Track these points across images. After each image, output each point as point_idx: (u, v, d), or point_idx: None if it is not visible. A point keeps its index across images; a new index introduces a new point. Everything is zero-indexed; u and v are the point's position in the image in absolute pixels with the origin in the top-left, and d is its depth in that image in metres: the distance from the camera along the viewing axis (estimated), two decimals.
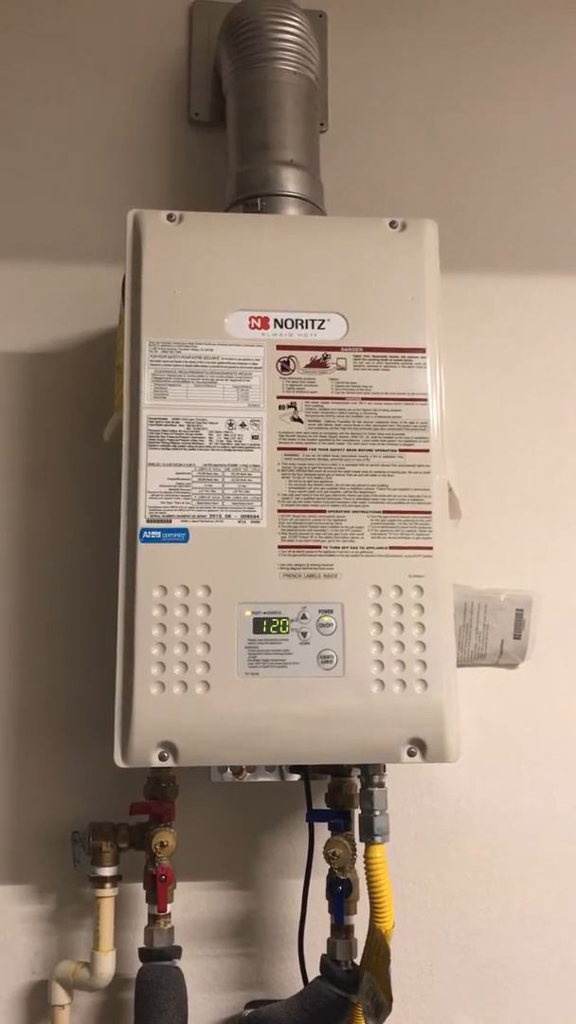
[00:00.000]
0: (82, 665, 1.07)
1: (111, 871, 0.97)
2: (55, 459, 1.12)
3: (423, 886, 1.07)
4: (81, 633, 1.07)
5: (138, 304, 0.92)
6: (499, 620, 1.10)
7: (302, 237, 0.96)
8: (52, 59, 1.22)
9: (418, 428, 0.92)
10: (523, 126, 1.27)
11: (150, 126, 1.22)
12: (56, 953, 1.02)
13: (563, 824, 1.09)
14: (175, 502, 0.89)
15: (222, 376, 0.91)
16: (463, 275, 1.18)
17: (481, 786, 1.09)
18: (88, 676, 1.06)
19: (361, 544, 0.89)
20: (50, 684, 1.07)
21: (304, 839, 1.02)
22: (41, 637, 1.08)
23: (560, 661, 1.12)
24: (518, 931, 1.07)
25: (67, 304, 1.15)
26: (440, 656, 0.88)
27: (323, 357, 0.92)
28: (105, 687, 0.96)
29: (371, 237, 0.96)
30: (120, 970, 0.98)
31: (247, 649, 0.86)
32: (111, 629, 0.89)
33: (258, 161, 1.05)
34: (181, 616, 0.86)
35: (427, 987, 1.06)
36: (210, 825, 1.05)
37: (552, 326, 1.21)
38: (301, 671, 0.86)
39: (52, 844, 1.03)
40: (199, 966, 1.02)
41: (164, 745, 0.85)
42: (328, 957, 0.94)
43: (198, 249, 0.93)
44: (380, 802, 0.90)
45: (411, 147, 1.24)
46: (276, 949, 1.04)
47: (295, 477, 0.90)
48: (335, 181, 1.12)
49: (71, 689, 1.06)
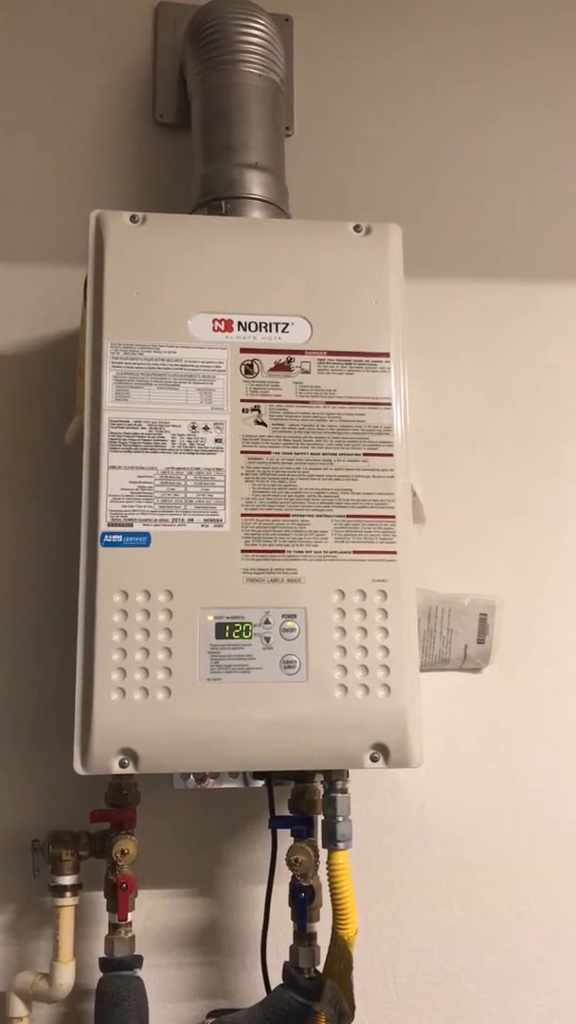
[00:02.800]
0: (41, 671, 1.05)
1: (71, 880, 0.95)
2: (16, 462, 1.11)
3: (386, 893, 1.07)
4: (41, 638, 1.06)
5: (100, 305, 0.91)
6: (463, 625, 1.10)
7: (266, 240, 0.96)
8: (15, 58, 1.20)
9: (382, 432, 0.92)
10: (490, 130, 1.28)
11: (115, 127, 1.21)
12: (14, 964, 1.00)
13: (526, 829, 1.09)
14: (137, 506, 0.88)
15: (185, 379, 0.90)
16: (427, 279, 1.18)
17: (444, 791, 1.09)
18: (48, 682, 1.05)
19: (325, 548, 0.89)
20: (8, 690, 1.05)
21: (266, 846, 1.02)
22: (2, 643, 1.06)
23: (524, 666, 1.12)
24: (481, 937, 1.07)
25: (29, 305, 1.14)
26: (403, 661, 0.88)
27: (287, 360, 0.92)
28: (65, 693, 0.95)
29: (335, 241, 0.96)
30: (80, 980, 0.96)
31: (209, 655, 0.85)
32: (71, 634, 0.87)
33: (223, 163, 1.04)
34: (142, 621, 0.85)
35: (390, 994, 1.05)
36: (172, 832, 1.04)
37: (517, 330, 1.21)
38: (264, 676, 0.86)
39: (10, 853, 1.02)
40: (161, 975, 1.01)
41: (125, 752, 0.84)
42: (291, 964, 0.93)
43: (161, 251, 0.93)
44: (343, 808, 0.89)
45: (376, 152, 1.24)
46: (239, 957, 1.03)
47: (259, 481, 0.89)
48: (300, 185, 1.12)
49: (30, 695, 1.05)
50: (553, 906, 1.08)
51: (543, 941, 1.08)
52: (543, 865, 1.09)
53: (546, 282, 1.23)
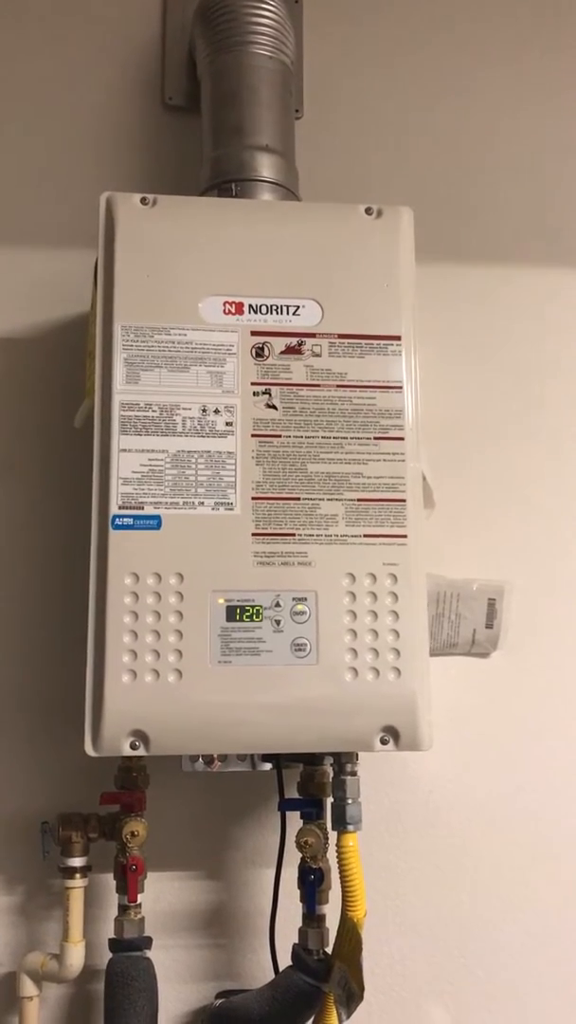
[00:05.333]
0: (51, 654, 1.05)
1: (81, 862, 0.95)
2: (25, 445, 1.11)
3: (393, 875, 1.07)
4: (51, 621, 1.06)
5: (111, 288, 0.91)
6: (471, 609, 1.10)
7: (277, 222, 0.95)
8: (24, 41, 1.20)
9: (393, 416, 0.91)
10: (500, 115, 1.27)
11: (123, 109, 1.20)
12: (24, 945, 1.01)
13: (533, 814, 1.09)
14: (148, 489, 0.88)
15: (196, 361, 0.90)
16: (437, 263, 1.18)
17: (451, 775, 1.09)
18: (57, 665, 1.05)
19: (335, 532, 0.89)
20: (19, 673, 1.06)
21: (275, 829, 1.02)
22: (9, 625, 1.06)
23: (532, 650, 1.12)
24: (488, 920, 1.07)
25: (37, 288, 1.14)
26: (413, 644, 0.88)
27: (298, 343, 0.92)
28: (74, 676, 0.95)
29: (346, 223, 0.95)
30: (89, 961, 0.97)
31: (220, 637, 0.86)
32: (81, 617, 0.87)
33: (233, 146, 1.04)
34: (153, 604, 0.85)
35: (397, 976, 1.06)
36: (181, 815, 1.04)
37: (527, 316, 1.21)
38: (274, 659, 0.86)
39: (20, 835, 1.02)
40: (169, 957, 1.01)
41: (135, 734, 0.84)
42: (299, 946, 0.94)
43: (172, 233, 0.92)
44: (353, 790, 0.90)
45: (387, 134, 1.24)
46: (247, 939, 1.03)
47: (269, 464, 0.89)
48: (310, 167, 1.11)
49: (40, 678, 1.05)
50: (559, 891, 1.08)
51: (549, 925, 1.08)
52: (550, 850, 1.09)
53: (556, 267, 1.23)
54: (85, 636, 0.87)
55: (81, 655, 0.87)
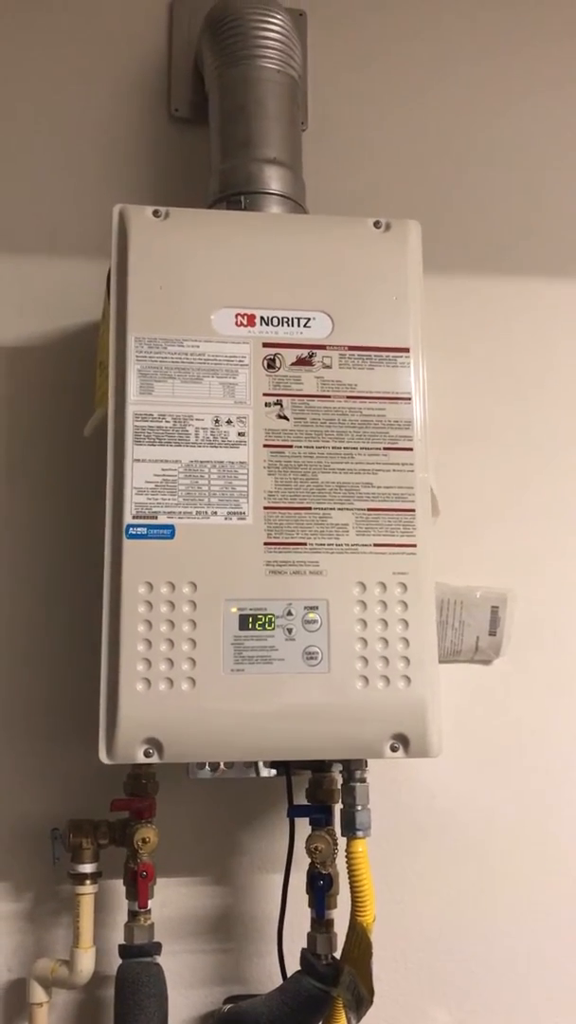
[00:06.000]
0: (63, 662, 1.06)
1: (91, 868, 0.96)
2: (35, 453, 1.11)
3: (398, 881, 1.08)
4: (62, 630, 1.07)
5: (124, 299, 0.92)
6: (475, 617, 1.11)
7: (288, 235, 0.96)
8: (31, 50, 1.21)
9: (402, 427, 0.93)
10: (506, 126, 1.29)
11: (130, 121, 1.21)
12: (33, 951, 1.01)
13: (536, 819, 1.11)
14: (161, 498, 0.88)
15: (208, 373, 0.91)
16: (444, 275, 1.19)
17: (456, 781, 1.10)
18: (67, 673, 1.06)
19: (346, 541, 0.90)
20: (29, 681, 1.06)
21: (281, 836, 1.03)
22: (21, 633, 1.07)
23: (534, 657, 1.14)
24: (493, 925, 1.09)
25: (46, 297, 1.15)
26: (423, 652, 0.89)
27: (309, 355, 0.93)
28: (84, 684, 0.96)
29: (356, 237, 0.97)
30: (98, 967, 0.98)
31: (233, 646, 0.86)
32: (91, 625, 0.88)
33: (241, 159, 1.05)
34: (167, 613, 0.86)
35: (402, 980, 1.07)
36: (188, 822, 1.05)
37: (532, 326, 1.23)
38: (287, 668, 0.87)
39: (29, 842, 1.02)
40: (177, 962, 1.02)
41: (149, 742, 0.85)
42: (308, 951, 0.95)
43: (184, 245, 0.93)
44: (362, 797, 0.91)
45: (391, 146, 1.25)
46: (254, 944, 1.04)
47: (281, 474, 0.90)
48: (314, 179, 1.13)
49: (50, 686, 1.06)
50: (563, 896, 1.10)
51: (553, 930, 1.09)
52: (553, 854, 1.10)
53: (556, 278, 1.24)
54: (94, 644, 0.88)
55: (90, 663, 0.88)
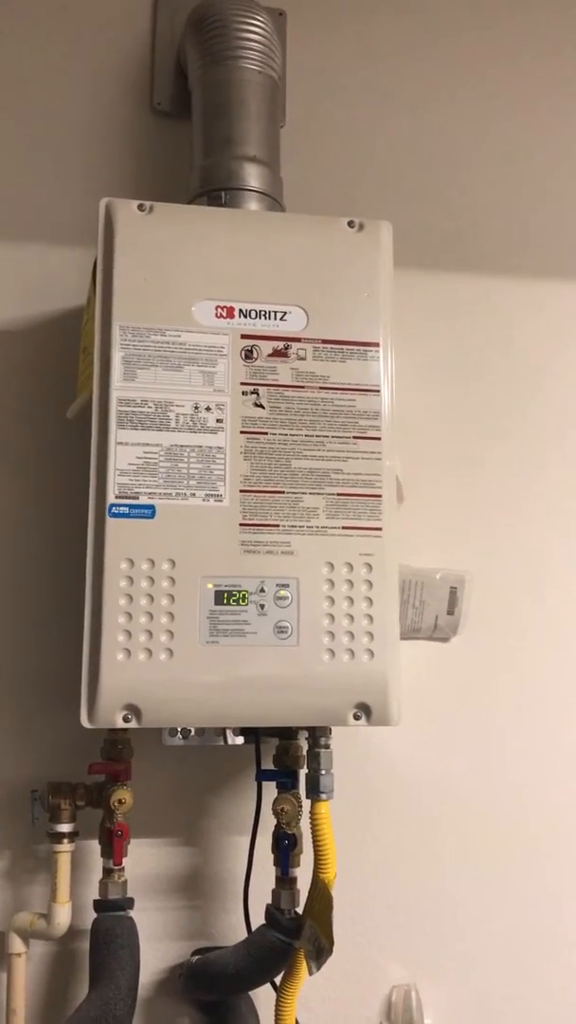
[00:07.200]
0: (41, 634, 1.11)
1: (69, 827, 1.01)
2: (17, 434, 1.15)
3: (359, 842, 1.14)
4: (44, 603, 1.11)
5: (109, 289, 0.96)
6: (434, 597, 1.17)
7: (267, 233, 1.01)
8: (14, 43, 1.24)
9: (371, 417, 0.98)
10: (480, 125, 1.34)
11: (113, 114, 1.25)
12: (11, 906, 1.06)
13: (488, 787, 1.18)
14: (143, 480, 0.93)
15: (189, 361, 0.96)
16: (413, 271, 1.25)
17: (414, 750, 1.17)
18: (47, 645, 1.10)
19: (316, 524, 0.96)
20: (11, 652, 1.11)
21: (247, 801, 1.09)
22: (4, 605, 1.12)
23: (489, 636, 1.21)
24: (445, 884, 1.16)
25: (30, 284, 1.18)
26: (385, 629, 0.95)
27: (284, 347, 0.98)
28: (64, 654, 1.01)
29: (331, 236, 1.02)
30: (74, 922, 1.03)
31: (208, 619, 0.92)
32: (71, 598, 0.93)
33: (222, 156, 1.09)
34: (147, 588, 0.91)
35: (360, 938, 1.13)
36: (161, 786, 1.10)
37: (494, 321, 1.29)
38: (259, 640, 0.92)
39: (7, 805, 1.07)
40: (148, 918, 1.08)
41: (128, 708, 0.90)
42: (273, 906, 1.01)
43: (168, 239, 0.98)
44: (327, 762, 0.97)
45: (367, 144, 1.30)
46: (221, 901, 1.10)
47: (256, 460, 0.96)
48: (291, 176, 1.17)
49: (31, 657, 1.10)
50: (512, 858, 1.17)
51: (503, 891, 1.17)
52: (504, 820, 1.18)
53: (519, 276, 1.30)
54: (74, 615, 0.93)
55: (71, 634, 0.93)
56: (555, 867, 1.18)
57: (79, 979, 1.06)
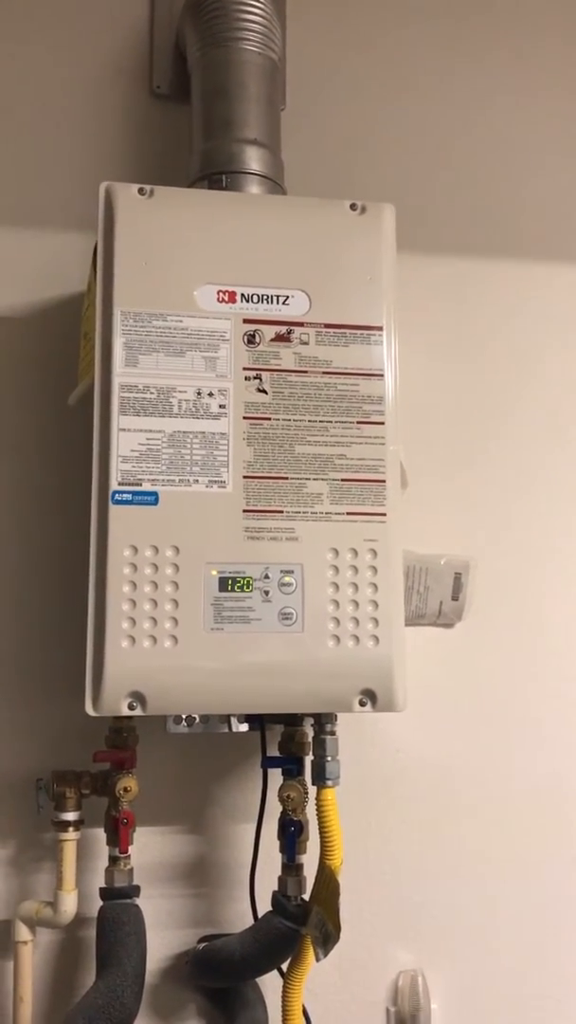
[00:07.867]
0: (45, 622, 1.10)
1: (74, 815, 1.01)
2: (20, 421, 1.14)
3: (362, 830, 1.14)
4: (46, 590, 1.11)
5: (110, 275, 0.95)
6: (439, 583, 1.17)
7: (269, 216, 1.00)
8: (12, 26, 1.22)
9: (374, 402, 0.98)
10: (482, 109, 1.33)
11: (112, 98, 1.23)
12: (16, 895, 1.06)
13: (493, 772, 1.18)
14: (145, 466, 0.93)
15: (191, 347, 0.95)
16: (416, 255, 1.24)
17: (419, 736, 1.16)
18: (52, 632, 1.10)
19: (320, 509, 0.95)
20: (15, 641, 1.10)
21: (251, 788, 1.09)
22: (8, 594, 1.11)
23: (493, 621, 1.20)
24: (449, 871, 1.16)
25: (30, 270, 1.17)
26: (390, 614, 0.95)
27: (287, 332, 0.97)
28: (68, 642, 1.01)
29: (333, 219, 1.01)
30: (79, 910, 1.03)
31: (213, 606, 0.91)
32: (74, 586, 0.92)
33: (222, 139, 1.08)
34: (151, 575, 0.91)
35: (367, 924, 1.14)
36: (165, 774, 1.10)
37: (498, 306, 1.28)
38: (263, 627, 0.92)
39: (14, 793, 1.07)
40: (154, 905, 1.08)
41: (133, 695, 0.90)
42: (279, 893, 1.01)
43: (169, 223, 0.97)
44: (332, 749, 0.97)
45: (368, 126, 1.29)
46: (226, 889, 1.10)
47: (260, 445, 0.95)
48: (292, 158, 1.16)
49: (35, 646, 1.10)
50: (519, 843, 1.17)
51: (509, 874, 1.17)
52: (511, 805, 1.18)
53: (523, 260, 1.30)
54: (78, 603, 0.92)
55: (75, 622, 0.93)
56: (562, 852, 1.18)
57: (86, 967, 1.06)
